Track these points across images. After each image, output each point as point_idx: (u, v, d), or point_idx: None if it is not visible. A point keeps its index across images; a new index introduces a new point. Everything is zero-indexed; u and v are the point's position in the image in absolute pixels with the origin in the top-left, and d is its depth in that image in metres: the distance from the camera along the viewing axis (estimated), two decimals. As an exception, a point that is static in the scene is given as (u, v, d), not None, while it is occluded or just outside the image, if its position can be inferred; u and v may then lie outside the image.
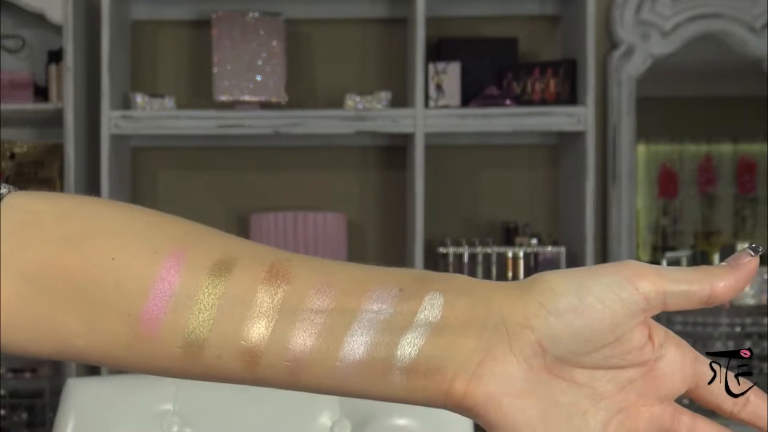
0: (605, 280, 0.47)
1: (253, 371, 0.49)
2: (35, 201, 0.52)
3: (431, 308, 0.48)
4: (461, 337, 0.48)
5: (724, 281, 0.48)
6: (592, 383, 0.48)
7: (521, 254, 2.99)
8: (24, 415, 3.06)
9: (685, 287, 0.47)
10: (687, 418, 0.50)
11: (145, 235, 0.51)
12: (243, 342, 0.48)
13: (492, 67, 3.09)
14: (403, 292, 0.49)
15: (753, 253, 0.48)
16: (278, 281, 0.49)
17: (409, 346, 0.48)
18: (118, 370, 0.52)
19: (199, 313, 0.49)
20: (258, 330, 0.48)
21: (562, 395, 0.48)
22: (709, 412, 0.52)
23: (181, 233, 0.51)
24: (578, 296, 0.47)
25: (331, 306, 0.48)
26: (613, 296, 0.47)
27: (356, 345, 0.48)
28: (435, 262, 3.04)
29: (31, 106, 3.05)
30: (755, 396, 0.50)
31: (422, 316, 0.48)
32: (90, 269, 0.50)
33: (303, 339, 0.48)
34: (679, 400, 0.51)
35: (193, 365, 0.50)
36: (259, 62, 3.08)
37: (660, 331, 0.49)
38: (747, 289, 3.36)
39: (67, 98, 2.95)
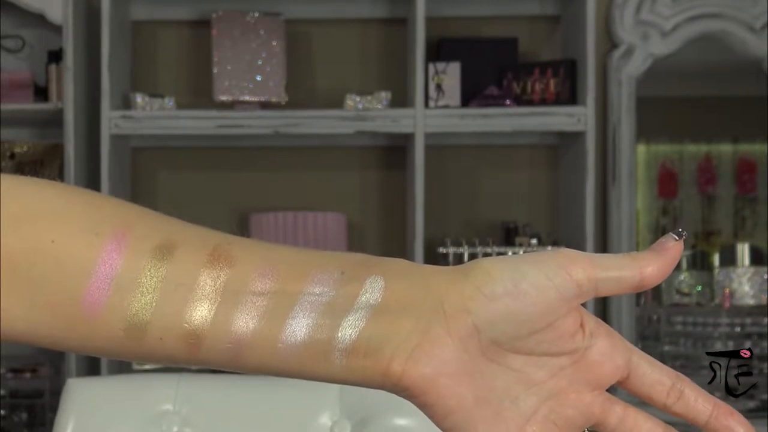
0: (540, 266, 0.49)
1: (195, 353, 0.49)
2: None
3: (372, 291, 0.49)
4: (400, 319, 0.48)
5: (651, 266, 0.49)
6: (525, 369, 0.50)
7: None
8: (24, 415, 3.06)
9: (615, 273, 0.49)
10: (619, 408, 0.51)
11: (85, 216, 0.50)
12: (186, 324, 0.49)
13: (492, 67, 3.09)
14: (344, 275, 0.49)
15: (677, 237, 0.50)
16: (221, 264, 0.49)
17: (350, 328, 0.48)
18: (60, 350, 0.52)
19: (142, 296, 0.49)
20: (201, 312, 0.49)
21: (496, 380, 0.49)
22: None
23: (122, 214, 0.51)
24: (513, 281, 0.48)
25: (273, 289, 0.49)
26: (547, 282, 0.48)
27: (298, 327, 0.48)
28: (435, 262, 3.03)
29: (31, 106, 3.05)
30: (689, 390, 0.50)
31: (363, 298, 0.49)
32: (29, 252, 0.49)
33: (245, 321, 0.49)
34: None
35: (136, 347, 0.50)
36: (259, 62, 3.08)
37: (591, 320, 0.50)
38: (747, 288, 3.36)
39: (67, 98, 2.95)
